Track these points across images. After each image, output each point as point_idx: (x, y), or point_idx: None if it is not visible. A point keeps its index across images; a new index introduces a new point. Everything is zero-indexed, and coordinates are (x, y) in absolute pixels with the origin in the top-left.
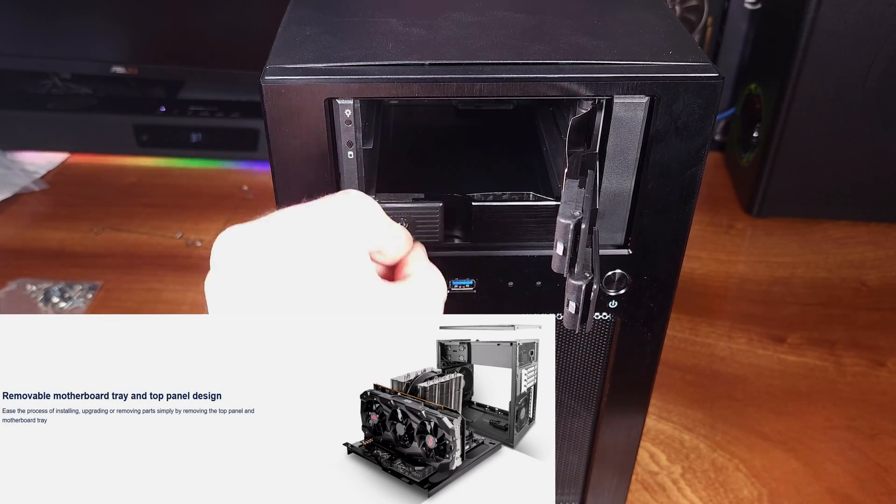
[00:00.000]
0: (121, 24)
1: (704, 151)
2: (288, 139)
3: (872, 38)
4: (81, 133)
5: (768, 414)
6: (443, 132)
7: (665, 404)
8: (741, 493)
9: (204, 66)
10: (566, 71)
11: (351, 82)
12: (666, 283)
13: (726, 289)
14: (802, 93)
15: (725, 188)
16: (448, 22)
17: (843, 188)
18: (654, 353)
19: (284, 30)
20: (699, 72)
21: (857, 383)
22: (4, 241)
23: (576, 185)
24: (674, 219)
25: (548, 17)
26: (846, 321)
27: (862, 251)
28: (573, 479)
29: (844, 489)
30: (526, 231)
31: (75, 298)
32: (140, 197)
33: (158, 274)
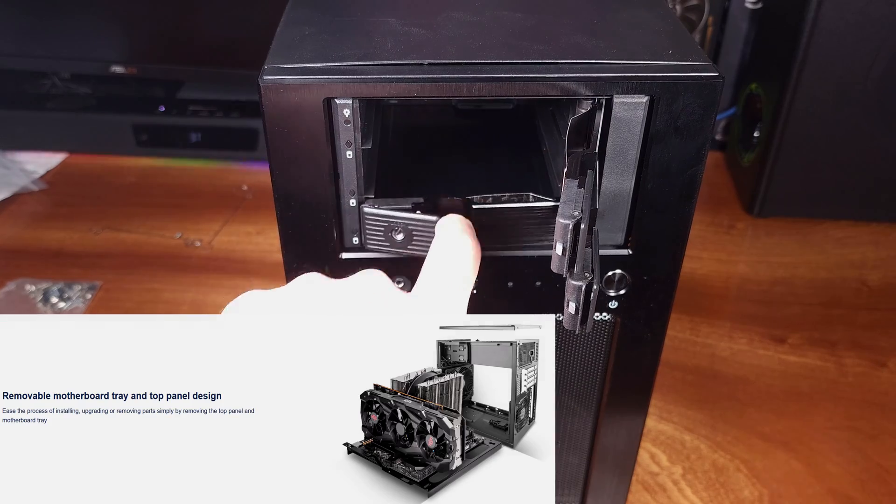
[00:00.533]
0: (120, 23)
1: (704, 151)
2: (287, 139)
3: (872, 38)
4: (80, 133)
5: (769, 414)
6: (442, 132)
7: (666, 405)
8: (742, 493)
9: (203, 66)
10: (566, 70)
11: (350, 82)
12: (666, 284)
13: (727, 289)
14: (803, 93)
15: (726, 188)
16: (447, 21)
17: (844, 188)
18: (654, 353)
19: (283, 29)
20: (699, 71)
21: (859, 384)
22: (3, 241)
23: (575, 185)
24: (674, 219)
25: (547, 17)
26: (847, 321)
27: (863, 251)
28: (573, 480)
29: (845, 490)
30: (525, 231)
31: (74, 298)
32: (139, 197)
33: (158, 274)
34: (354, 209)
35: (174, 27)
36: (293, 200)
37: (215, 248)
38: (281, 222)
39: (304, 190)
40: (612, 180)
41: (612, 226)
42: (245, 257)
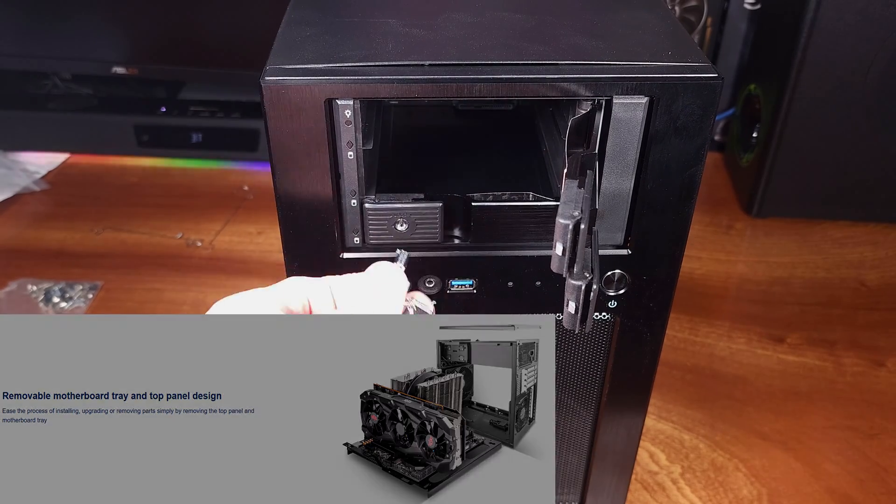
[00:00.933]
0: (121, 24)
1: (704, 151)
2: (288, 139)
3: (872, 39)
4: (82, 133)
5: (768, 414)
6: (442, 132)
7: (665, 404)
8: (741, 492)
9: (204, 67)
10: (566, 71)
11: (351, 83)
12: (665, 283)
13: (726, 289)
14: (802, 93)
15: (725, 188)
16: (448, 22)
17: (843, 188)
18: (653, 352)
19: (284, 30)
20: (698, 72)
21: (857, 383)
22: (5, 241)
23: (575, 185)
24: (673, 219)
25: (547, 18)
26: (846, 321)
27: (861, 251)
28: (573, 479)
29: (844, 489)
30: (526, 231)
31: (76, 298)
32: (140, 197)
33: (159, 274)
34: (355, 209)
35: (175, 28)
36: (294, 200)
37: (216, 249)
38: (282, 222)
39: (306, 190)
40: (612, 180)
41: (612, 226)
42: (246, 257)
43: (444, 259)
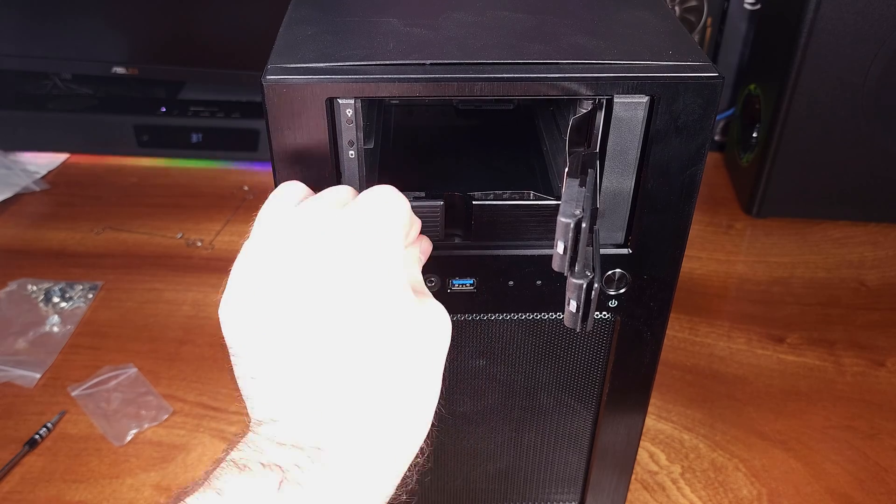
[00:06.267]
0: (121, 24)
1: (704, 151)
2: (289, 139)
3: (872, 39)
4: (82, 133)
5: (768, 414)
6: (443, 132)
7: (665, 404)
8: (741, 492)
9: (204, 67)
10: (566, 71)
11: (352, 82)
12: (666, 283)
13: (726, 289)
14: (802, 93)
15: (725, 188)
16: (449, 22)
17: (843, 188)
18: (653, 352)
19: (285, 29)
20: (699, 71)
21: (857, 383)
22: (5, 241)
23: (576, 184)
24: (673, 218)
25: (548, 17)
26: (845, 321)
27: (861, 251)
28: (573, 479)
29: (844, 489)
30: (526, 230)
31: (76, 298)
32: (141, 197)
33: (159, 274)
34: None
35: (175, 28)
36: None
37: (217, 248)
38: None
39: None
40: (613, 180)
41: (613, 225)
42: None
43: (444, 258)
